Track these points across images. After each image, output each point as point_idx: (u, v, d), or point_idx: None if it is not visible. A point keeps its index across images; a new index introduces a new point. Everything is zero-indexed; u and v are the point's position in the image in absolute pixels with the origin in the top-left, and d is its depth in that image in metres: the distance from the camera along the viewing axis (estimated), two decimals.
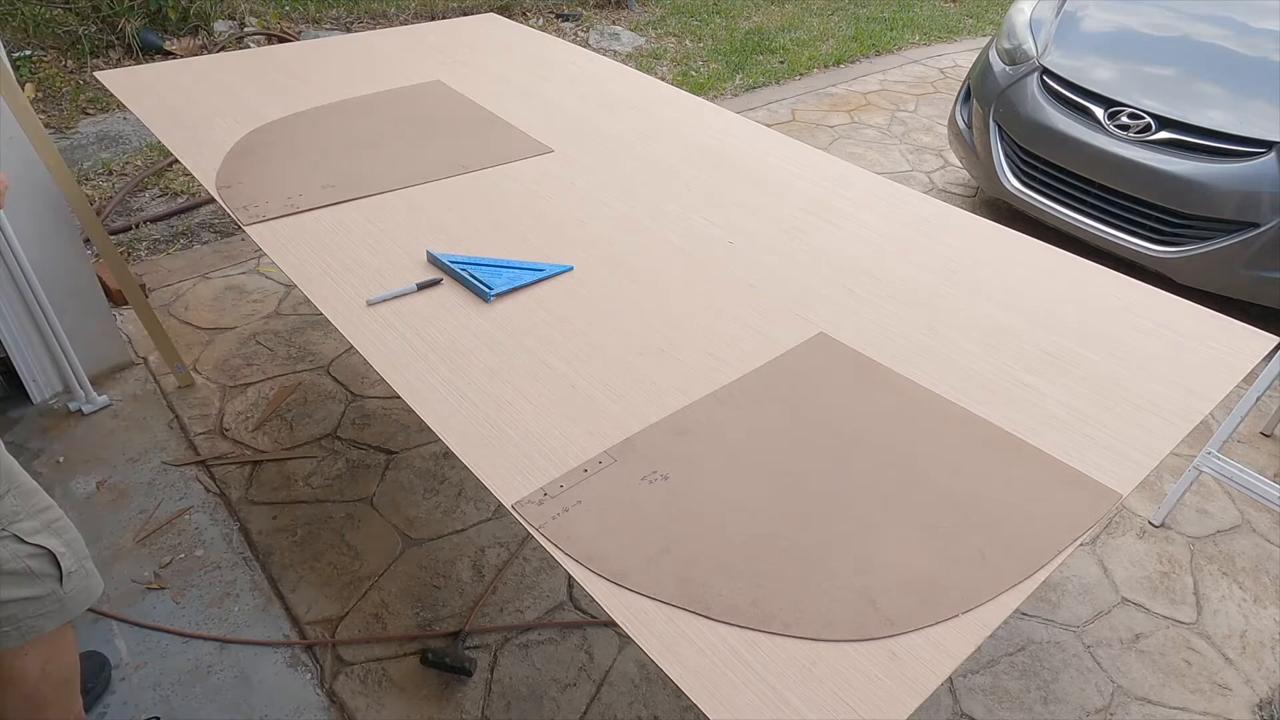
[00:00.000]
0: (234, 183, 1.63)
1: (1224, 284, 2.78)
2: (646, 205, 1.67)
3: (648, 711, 1.67)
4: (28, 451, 2.13)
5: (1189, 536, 2.17)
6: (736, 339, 1.32)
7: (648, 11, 5.89)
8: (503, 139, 1.89)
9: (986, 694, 1.75)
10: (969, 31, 6.08)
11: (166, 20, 4.61)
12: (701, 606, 0.90)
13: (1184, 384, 1.28)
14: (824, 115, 4.50)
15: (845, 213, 1.70)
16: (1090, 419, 1.20)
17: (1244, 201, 2.66)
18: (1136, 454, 1.14)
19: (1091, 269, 1.55)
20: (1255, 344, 1.38)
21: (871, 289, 1.46)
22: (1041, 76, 3.15)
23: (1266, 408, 2.57)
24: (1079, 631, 1.90)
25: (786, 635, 0.88)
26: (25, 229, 2.03)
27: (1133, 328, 1.40)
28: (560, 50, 2.45)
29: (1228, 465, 2.02)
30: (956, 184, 3.88)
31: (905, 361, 1.29)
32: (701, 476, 1.06)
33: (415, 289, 1.36)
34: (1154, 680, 1.81)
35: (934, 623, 0.90)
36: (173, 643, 1.71)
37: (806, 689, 0.84)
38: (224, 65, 2.17)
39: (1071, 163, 2.99)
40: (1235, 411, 1.97)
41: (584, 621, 1.83)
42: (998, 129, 3.26)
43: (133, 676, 1.64)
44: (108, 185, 3.38)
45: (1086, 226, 3.00)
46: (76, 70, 4.28)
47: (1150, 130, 2.83)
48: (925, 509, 1.03)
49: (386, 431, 2.29)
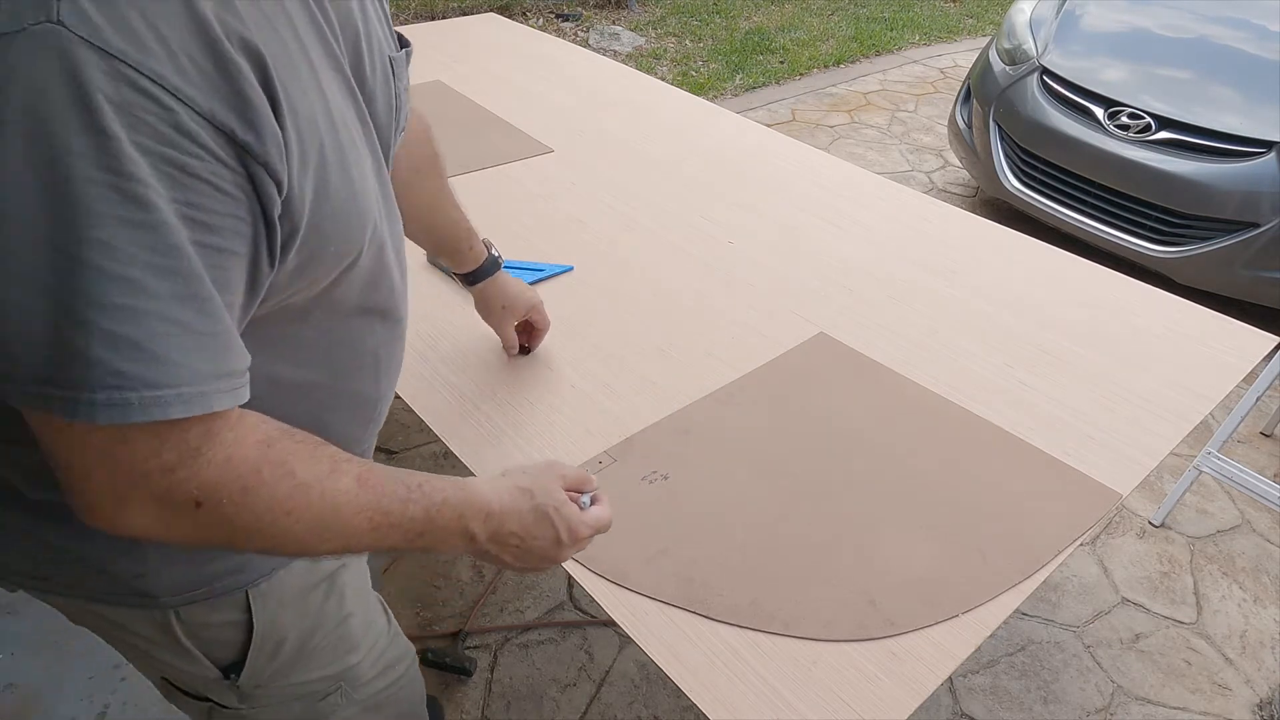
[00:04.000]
0: None
1: (1224, 284, 2.77)
2: (646, 205, 1.67)
3: (648, 711, 1.67)
4: None
5: (1189, 536, 2.17)
6: (736, 339, 1.32)
7: (648, 11, 5.89)
8: (503, 139, 1.89)
9: (986, 694, 1.75)
10: (969, 31, 6.08)
11: None
12: (701, 606, 0.90)
13: (1184, 384, 1.28)
14: (824, 115, 4.50)
15: (845, 213, 1.69)
16: (1090, 419, 1.20)
17: (1244, 201, 2.66)
18: (1136, 454, 1.14)
19: (1091, 269, 1.55)
20: (1255, 344, 1.38)
21: (871, 289, 1.46)
22: (1041, 76, 3.15)
23: (1266, 408, 2.57)
24: (1079, 631, 1.90)
25: (786, 635, 0.88)
26: None
27: (1133, 328, 1.40)
28: (560, 50, 2.45)
29: (1228, 465, 2.02)
30: (956, 184, 3.88)
31: (905, 361, 1.29)
32: (701, 476, 1.06)
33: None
34: (1154, 680, 1.81)
35: (934, 623, 0.90)
36: None
37: (806, 689, 0.84)
38: None
39: (1071, 163, 2.99)
40: (1235, 411, 1.97)
41: (584, 621, 1.83)
42: (998, 129, 3.26)
43: (132, 677, 1.64)
44: None
45: (1086, 226, 2.99)
46: None
47: (1150, 130, 2.83)
48: (925, 509, 1.03)
49: (386, 431, 2.28)
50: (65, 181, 0.45)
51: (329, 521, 0.60)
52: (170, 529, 0.55)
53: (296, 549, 0.61)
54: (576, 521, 0.74)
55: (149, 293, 0.48)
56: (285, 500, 0.57)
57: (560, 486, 0.75)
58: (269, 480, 0.57)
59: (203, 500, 0.54)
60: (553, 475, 0.75)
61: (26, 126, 0.44)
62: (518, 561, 0.74)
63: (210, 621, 0.78)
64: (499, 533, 0.70)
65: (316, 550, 0.62)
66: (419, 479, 0.66)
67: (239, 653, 0.82)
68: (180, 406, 0.50)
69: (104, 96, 0.45)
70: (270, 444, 0.58)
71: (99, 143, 0.45)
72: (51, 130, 0.44)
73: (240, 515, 0.56)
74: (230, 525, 0.56)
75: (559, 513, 0.73)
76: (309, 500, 0.58)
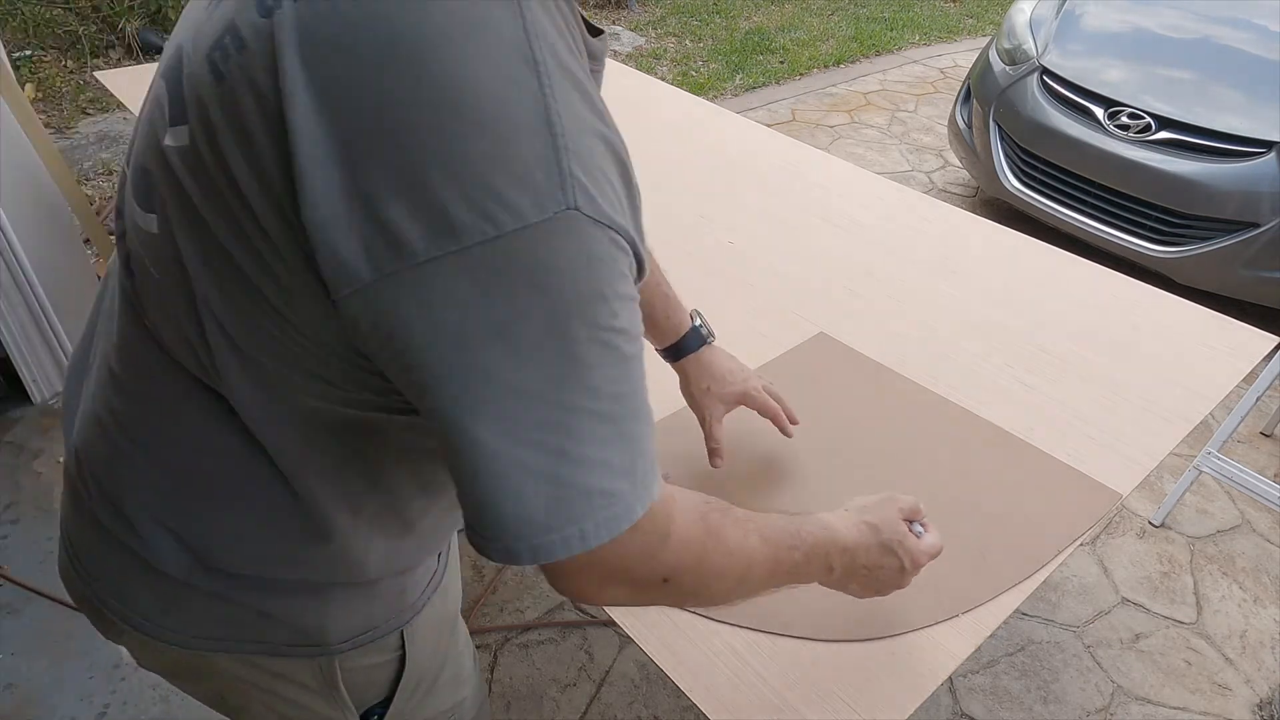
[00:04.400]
0: None
1: (1224, 284, 2.77)
2: (646, 205, 1.66)
3: (648, 711, 1.67)
4: (28, 451, 2.13)
5: (1189, 536, 2.17)
6: (736, 338, 1.31)
7: (648, 11, 5.89)
8: None
9: (986, 694, 1.75)
10: (969, 31, 6.08)
11: (166, 20, 4.61)
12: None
13: (1184, 384, 1.27)
14: (824, 115, 4.50)
15: (845, 213, 1.69)
16: (1090, 419, 1.20)
17: (1244, 201, 2.66)
18: (1136, 454, 1.14)
19: (1092, 269, 1.55)
20: (1255, 344, 1.38)
21: (871, 289, 1.46)
22: (1041, 76, 3.15)
23: (1266, 408, 2.57)
24: (1079, 631, 1.90)
25: (786, 635, 0.88)
26: (25, 229, 2.03)
27: (1133, 328, 1.40)
28: None
29: (1228, 465, 2.02)
30: (956, 184, 3.88)
31: (905, 361, 1.28)
32: (701, 476, 1.06)
33: None
34: (1154, 680, 1.81)
35: (934, 623, 0.90)
36: None
37: (806, 689, 0.84)
38: None
39: (1071, 163, 2.99)
40: (1235, 411, 1.97)
41: (584, 621, 1.83)
42: (998, 129, 3.26)
43: (132, 677, 1.64)
44: (108, 185, 3.38)
45: (1086, 226, 2.99)
46: (76, 70, 4.28)
47: (1150, 130, 2.83)
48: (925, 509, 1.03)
49: None
50: (574, 343, 0.49)
51: (745, 577, 0.67)
52: (636, 600, 0.62)
53: (720, 602, 0.69)
54: (918, 551, 0.81)
55: (621, 418, 0.52)
56: (721, 567, 0.64)
57: (900, 519, 0.81)
58: (710, 551, 0.63)
59: (669, 577, 0.60)
60: (893, 509, 0.81)
61: (555, 301, 0.48)
62: (864, 590, 0.81)
63: (366, 664, 0.78)
64: (852, 566, 0.77)
65: (728, 601, 0.69)
66: (795, 525, 0.72)
67: (384, 691, 0.82)
68: (647, 501, 0.55)
69: (603, 264, 0.50)
70: (704, 518, 0.63)
71: (601, 304, 0.50)
72: (569, 300, 0.48)
73: (692, 584, 0.63)
74: (682, 593, 0.63)
75: (902, 545, 0.79)
76: (734, 564, 0.65)
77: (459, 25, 0.46)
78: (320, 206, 0.46)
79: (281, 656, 0.74)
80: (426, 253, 0.45)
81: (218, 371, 0.58)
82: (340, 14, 0.46)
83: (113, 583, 0.71)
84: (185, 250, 0.55)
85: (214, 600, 0.68)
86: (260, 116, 0.47)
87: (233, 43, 0.49)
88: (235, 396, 0.59)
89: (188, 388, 0.61)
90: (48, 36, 4.42)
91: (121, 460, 0.67)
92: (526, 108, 0.46)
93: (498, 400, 0.49)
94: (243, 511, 0.64)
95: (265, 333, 0.54)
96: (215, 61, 0.50)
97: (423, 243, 0.45)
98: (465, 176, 0.45)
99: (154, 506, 0.66)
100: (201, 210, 0.53)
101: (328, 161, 0.46)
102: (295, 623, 0.71)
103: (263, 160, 0.48)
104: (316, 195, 0.46)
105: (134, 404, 0.66)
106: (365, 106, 0.45)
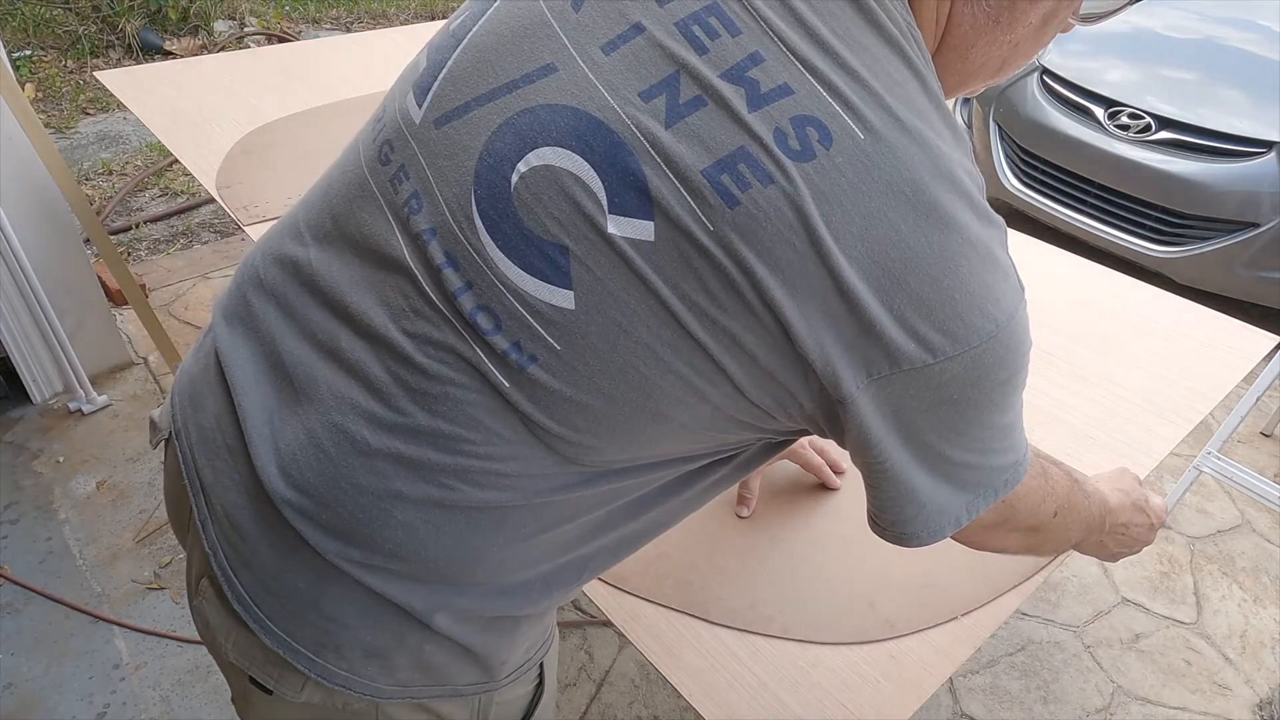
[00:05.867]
0: (234, 183, 1.63)
1: (1224, 284, 2.77)
2: None
3: (648, 711, 1.67)
4: (28, 451, 2.14)
5: (1189, 536, 2.17)
6: None
7: None
8: None
9: (986, 694, 1.75)
10: None
11: (166, 20, 4.62)
12: (700, 610, 0.90)
13: (1184, 384, 1.27)
14: None
15: None
16: (1090, 419, 1.20)
17: (1244, 201, 2.66)
18: (1136, 454, 1.14)
19: (1092, 269, 1.55)
20: (1255, 344, 1.38)
21: None
22: (1041, 76, 3.15)
23: (1266, 408, 2.56)
24: (1079, 631, 1.90)
25: (786, 638, 0.88)
26: (25, 229, 2.03)
27: (1133, 328, 1.40)
28: None
29: (1228, 465, 2.02)
30: None
31: None
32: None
33: None
34: (1154, 680, 1.81)
35: (933, 625, 0.90)
36: (173, 643, 1.71)
37: (805, 692, 0.84)
38: (224, 65, 2.17)
39: (1071, 163, 2.98)
40: (1235, 411, 1.97)
41: (584, 621, 1.83)
42: (997, 129, 3.26)
43: (132, 677, 1.64)
44: (108, 185, 3.38)
45: (1086, 226, 2.99)
46: (76, 70, 4.28)
47: (1150, 130, 2.83)
48: None
49: None
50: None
51: (1073, 526, 0.78)
52: (1010, 547, 0.74)
53: (1053, 551, 0.85)
54: (1160, 509, 0.93)
55: (1018, 413, 0.65)
56: (1064, 518, 0.76)
57: (1138, 486, 0.93)
58: (1055, 508, 0.74)
59: (1036, 526, 0.73)
60: (1130, 477, 0.94)
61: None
62: (1120, 545, 0.90)
63: (511, 697, 0.76)
64: (1114, 524, 0.86)
65: (1055, 550, 0.85)
66: (1088, 486, 0.82)
67: None
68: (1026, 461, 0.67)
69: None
70: (1045, 474, 0.73)
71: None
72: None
73: (1052, 532, 0.76)
74: (1042, 537, 0.75)
75: (1149, 504, 0.92)
76: (1069, 517, 0.77)
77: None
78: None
79: (456, 698, 0.70)
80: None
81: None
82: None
83: (324, 631, 0.64)
84: (622, 324, 0.55)
85: (441, 644, 0.65)
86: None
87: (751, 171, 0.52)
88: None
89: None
90: (48, 36, 4.42)
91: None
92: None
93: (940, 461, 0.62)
94: (542, 552, 0.64)
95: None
96: (724, 185, 0.52)
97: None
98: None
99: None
100: (670, 305, 0.54)
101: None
102: (489, 660, 0.68)
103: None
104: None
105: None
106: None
